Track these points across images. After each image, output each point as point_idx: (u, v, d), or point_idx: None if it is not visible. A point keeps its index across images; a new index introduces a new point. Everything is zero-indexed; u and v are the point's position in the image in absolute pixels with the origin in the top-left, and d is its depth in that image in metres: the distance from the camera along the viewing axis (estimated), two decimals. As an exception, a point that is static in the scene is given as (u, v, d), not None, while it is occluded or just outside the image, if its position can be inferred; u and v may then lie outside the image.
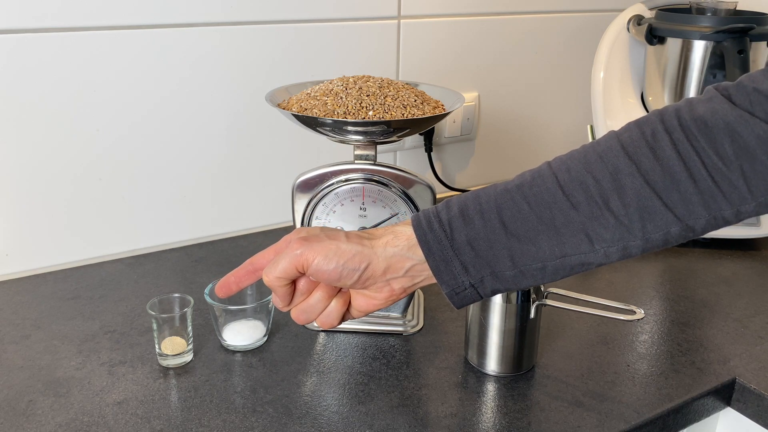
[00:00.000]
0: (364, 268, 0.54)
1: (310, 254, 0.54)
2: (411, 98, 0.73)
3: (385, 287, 0.56)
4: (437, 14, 1.10)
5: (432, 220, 0.54)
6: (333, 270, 0.54)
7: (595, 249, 0.52)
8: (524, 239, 0.52)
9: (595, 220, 0.51)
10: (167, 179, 0.97)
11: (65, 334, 0.78)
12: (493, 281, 0.54)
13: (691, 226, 0.51)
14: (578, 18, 1.25)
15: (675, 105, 0.53)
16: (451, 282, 0.54)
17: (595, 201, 0.51)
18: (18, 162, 0.86)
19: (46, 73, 0.84)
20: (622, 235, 0.51)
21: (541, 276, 0.53)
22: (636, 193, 0.51)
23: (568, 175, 0.52)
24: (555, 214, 0.52)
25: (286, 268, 0.54)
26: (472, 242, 0.53)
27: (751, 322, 0.83)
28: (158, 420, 0.64)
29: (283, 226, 1.08)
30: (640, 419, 0.65)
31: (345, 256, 0.54)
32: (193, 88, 0.94)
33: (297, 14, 0.98)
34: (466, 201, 0.54)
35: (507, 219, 0.52)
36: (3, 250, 0.89)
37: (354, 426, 0.64)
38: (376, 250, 0.54)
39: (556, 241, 0.52)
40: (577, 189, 0.52)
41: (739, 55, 0.93)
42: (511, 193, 0.53)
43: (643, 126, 0.52)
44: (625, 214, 0.51)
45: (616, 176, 0.51)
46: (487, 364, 0.72)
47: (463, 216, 0.53)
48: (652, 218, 0.51)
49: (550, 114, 1.30)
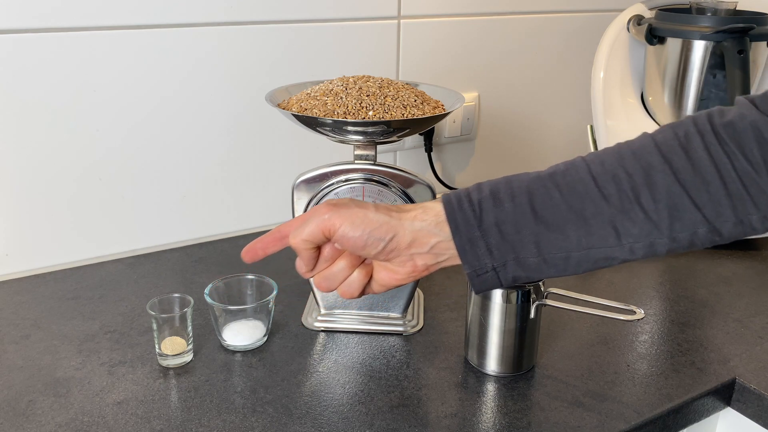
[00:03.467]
0: (389, 238, 0.55)
1: (337, 220, 0.54)
2: (411, 98, 0.73)
3: (408, 262, 0.56)
4: (437, 14, 1.10)
5: (462, 199, 0.55)
6: (359, 237, 0.54)
7: (622, 243, 0.53)
8: (552, 227, 0.53)
9: (624, 213, 0.52)
10: (167, 179, 0.97)
11: (65, 334, 0.78)
12: (515, 267, 0.54)
13: (718, 229, 0.52)
14: (578, 18, 1.25)
15: (708, 110, 0.54)
16: (474, 263, 0.54)
17: (626, 194, 0.52)
18: (18, 162, 0.86)
19: (46, 73, 0.84)
20: (650, 231, 0.52)
21: (563, 266, 0.54)
22: (667, 190, 0.52)
23: (601, 168, 0.53)
24: (586, 204, 0.53)
25: (312, 231, 0.55)
26: (499, 225, 0.53)
27: (751, 322, 0.83)
28: (158, 420, 0.64)
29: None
30: (640, 419, 0.65)
31: (372, 224, 0.54)
32: (194, 88, 0.94)
33: (297, 14, 0.98)
34: (498, 184, 0.55)
35: (537, 205, 0.53)
36: (3, 250, 0.89)
37: (354, 426, 0.64)
38: (404, 222, 0.55)
39: (584, 231, 0.53)
40: (609, 181, 0.53)
41: (739, 55, 0.93)
42: (544, 180, 0.54)
43: (676, 128, 0.54)
44: (655, 210, 0.52)
45: (649, 172, 0.52)
46: (487, 364, 0.72)
47: (494, 198, 0.54)
48: (681, 217, 0.52)
49: (550, 114, 1.30)
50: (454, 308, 0.84)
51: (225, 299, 0.76)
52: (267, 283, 0.77)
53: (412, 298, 0.80)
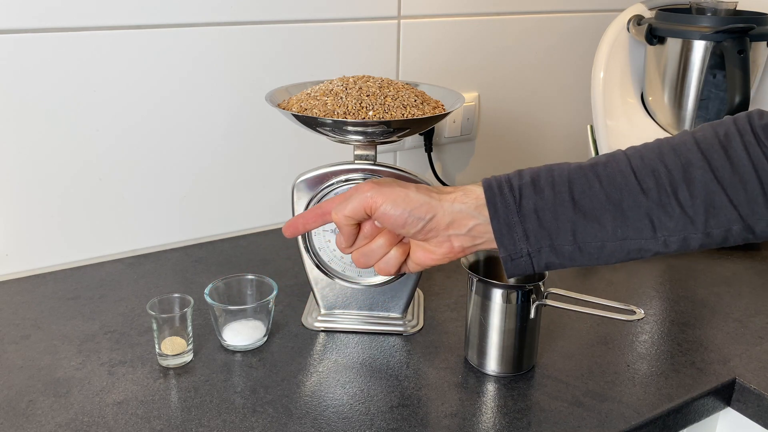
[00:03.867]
0: (429, 218, 0.56)
1: (379, 198, 0.56)
2: (411, 98, 0.73)
3: (445, 242, 0.58)
4: (437, 14, 1.10)
5: (503, 184, 0.56)
6: (399, 215, 0.56)
7: (656, 236, 0.54)
8: (590, 216, 0.54)
9: (661, 207, 0.53)
10: (167, 179, 0.97)
11: (65, 334, 0.78)
12: (550, 253, 0.55)
13: (752, 227, 0.53)
14: (578, 18, 1.25)
15: (747, 111, 0.56)
16: (510, 247, 0.55)
17: (664, 189, 0.53)
18: (18, 162, 0.86)
19: (46, 73, 0.84)
20: (685, 225, 0.53)
21: (597, 256, 0.55)
22: (704, 186, 0.53)
23: (641, 162, 0.54)
24: (624, 196, 0.54)
25: (355, 207, 0.57)
26: (538, 211, 0.55)
27: (751, 322, 0.83)
28: (158, 420, 0.64)
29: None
30: (640, 419, 0.65)
31: (413, 204, 0.56)
32: (194, 87, 0.94)
33: (297, 14, 0.98)
34: (539, 172, 0.56)
35: (577, 194, 0.54)
36: (3, 250, 0.89)
37: (354, 426, 0.64)
38: (444, 203, 0.56)
39: (621, 222, 0.54)
40: (648, 175, 0.54)
41: (739, 55, 0.93)
42: (584, 170, 0.55)
43: (717, 127, 0.55)
44: (691, 206, 0.53)
45: (688, 168, 0.53)
46: (487, 364, 0.72)
47: (534, 185, 0.55)
48: (716, 213, 0.53)
49: (550, 114, 1.30)
50: (454, 308, 0.84)
51: (225, 299, 0.76)
52: (267, 283, 0.77)
53: (412, 298, 0.80)
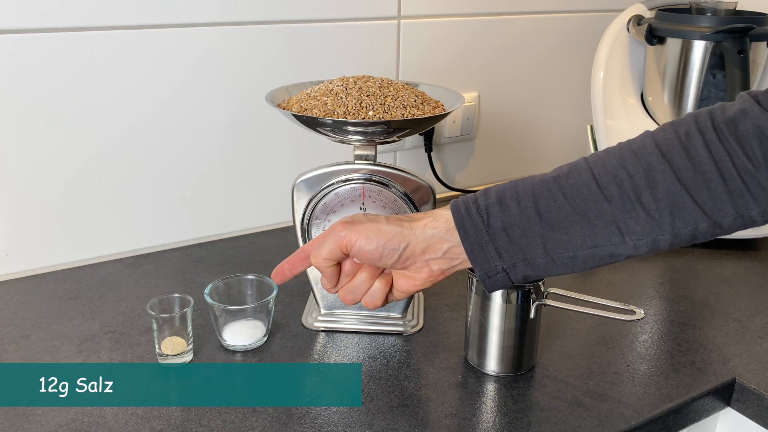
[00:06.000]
0: (403, 247, 0.57)
1: (352, 235, 0.57)
2: (411, 98, 0.73)
3: (424, 268, 0.59)
4: (437, 14, 1.10)
5: (470, 206, 0.57)
6: (374, 249, 0.57)
7: (625, 241, 0.54)
8: (558, 228, 0.55)
9: (626, 213, 0.54)
10: (167, 179, 0.97)
11: (65, 334, 0.78)
12: (524, 267, 0.56)
13: (719, 223, 0.53)
14: (578, 18, 1.25)
15: (709, 108, 0.55)
16: (484, 265, 0.56)
17: (627, 195, 0.53)
18: (18, 162, 0.86)
19: (46, 73, 0.84)
20: (652, 228, 0.54)
21: (571, 264, 0.56)
22: (667, 189, 0.53)
23: (603, 170, 0.55)
24: (589, 206, 0.54)
25: (331, 249, 0.58)
26: (507, 229, 0.55)
27: (751, 322, 0.83)
28: (158, 420, 0.64)
29: (283, 226, 1.08)
30: (640, 419, 0.65)
31: (385, 236, 0.57)
32: (194, 88, 0.94)
33: (297, 14, 0.98)
34: (504, 189, 0.57)
35: (542, 208, 0.55)
36: (3, 250, 0.89)
37: (354, 426, 0.64)
38: (415, 231, 0.58)
39: (589, 231, 0.54)
40: (611, 183, 0.54)
41: (739, 55, 0.93)
42: (548, 184, 0.56)
43: (677, 126, 0.55)
44: (656, 209, 0.53)
45: (650, 172, 0.53)
46: (487, 364, 0.72)
47: (500, 203, 0.56)
48: (682, 214, 0.53)
49: (550, 114, 1.30)
50: (454, 308, 0.84)
51: (225, 299, 0.76)
52: (267, 283, 0.77)
53: (412, 298, 0.80)
